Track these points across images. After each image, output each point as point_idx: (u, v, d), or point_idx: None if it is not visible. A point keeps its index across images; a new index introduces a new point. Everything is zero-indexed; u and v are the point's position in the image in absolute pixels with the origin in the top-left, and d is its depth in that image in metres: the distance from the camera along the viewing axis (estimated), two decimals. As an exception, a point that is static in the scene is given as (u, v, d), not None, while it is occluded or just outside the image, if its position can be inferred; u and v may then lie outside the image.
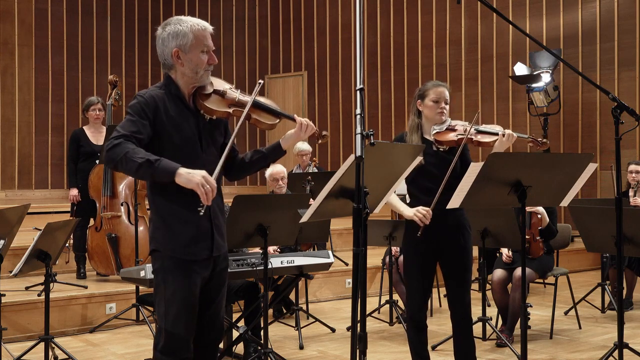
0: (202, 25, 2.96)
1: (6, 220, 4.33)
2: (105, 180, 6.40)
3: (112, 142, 2.76)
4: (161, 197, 2.94)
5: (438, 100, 3.83)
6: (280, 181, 6.08)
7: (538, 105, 9.11)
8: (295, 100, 12.68)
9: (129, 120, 2.84)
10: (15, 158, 10.83)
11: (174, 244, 2.92)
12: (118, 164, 2.76)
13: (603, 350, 4.91)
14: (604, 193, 9.13)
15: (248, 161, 3.16)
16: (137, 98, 2.90)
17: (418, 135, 3.88)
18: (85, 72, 11.50)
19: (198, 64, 2.93)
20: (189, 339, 2.94)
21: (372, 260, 7.10)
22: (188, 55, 2.92)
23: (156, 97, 2.91)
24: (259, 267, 4.43)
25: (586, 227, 4.54)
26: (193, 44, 2.92)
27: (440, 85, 3.88)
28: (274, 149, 3.13)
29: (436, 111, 3.84)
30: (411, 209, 3.75)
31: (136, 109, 2.86)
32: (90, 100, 6.71)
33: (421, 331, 3.89)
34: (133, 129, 2.81)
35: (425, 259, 3.85)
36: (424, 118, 3.90)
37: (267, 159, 3.15)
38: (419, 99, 3.90)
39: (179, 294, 2.90)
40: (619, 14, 9.38)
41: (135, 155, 2.72)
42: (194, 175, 2.71)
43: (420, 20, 11.22)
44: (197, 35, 2.93)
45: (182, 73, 2.95)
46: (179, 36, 2.92)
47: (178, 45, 2.92)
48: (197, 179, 2.70)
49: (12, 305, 5.36)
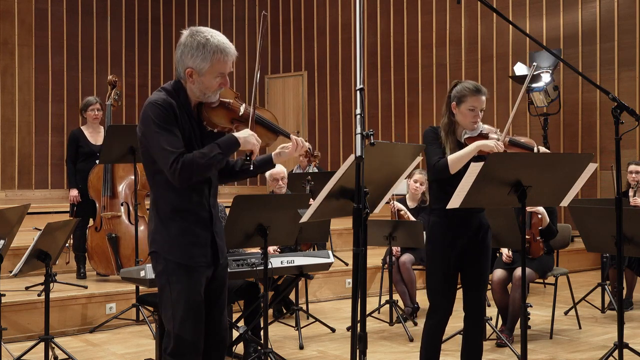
0: (226, 52, 2.85)
1: (6, 220, 4.32)
2: (105, 180, 6.39)
3: (175, 166, 2.76)
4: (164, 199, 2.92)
5: (474, 109, 3.70)
6: (280, 181, 6.08)
7: (538, 105, 9.11)
8: (295, 100, 12.67)
9: (171, 136, 2.79)
10: (15, 158, 10.83)
11: (173, 248, 2.91)
12: (194, 178, 2.82)
13: (603, 350, 4.91)
14: (604, 193, 9.13)
15: (238, 169, 3.16)
16: (158, 107, 2.82)
17: (453, 136, 3.75)
18: (85, 72, 11.50)
19: (208, 87, 2.88)
20: (198, 340, 2.93)
21: (372, 260, 7.10)
22: (201, 78, 2.86)
23: (173, 105, 2.86)
24: (259, 267, 4.43)
25: (586, 227, 4.54)
26: (209, 71, 2.85)
27: (479, 93, 3.70)
28: (265, 163, 3.14)
29: (471, 120, 3.71)
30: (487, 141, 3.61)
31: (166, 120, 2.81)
32: (89, 100, 6.70)
33: (439, 338, 3.83)
34: (180, 144, 2.81)
35: (450, 263, 3.76)
36: (457, 120, 3.76)
37: (257, 170, 3.15)
38: (455, 102, 3.74)
39: (184, 295, 2.89)
40: (619, 14, 9.38)
41: (203, 160, 2.80)
42: (249, 137, 2.89)
43: (420, 20, 11.22)
44: (216, 64, 2.84)
45: (191, 89, 2.91)
46: (197, 57, 2.83)
47: (194, 66, 2.84)
48: (253, 140, 2.90)
49: (12, 305, 5.36)
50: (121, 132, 5.89)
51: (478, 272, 3.83)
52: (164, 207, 2.92)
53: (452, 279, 3.80)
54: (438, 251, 3.79)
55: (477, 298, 3.84)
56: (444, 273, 3.77)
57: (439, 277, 3.79)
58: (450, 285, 3.80)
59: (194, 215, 2.92)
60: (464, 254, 3.78)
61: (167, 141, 2.78)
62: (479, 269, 3.82)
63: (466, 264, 3.82)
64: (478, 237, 3.79)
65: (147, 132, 2.84)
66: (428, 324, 3.83)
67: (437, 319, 3.79)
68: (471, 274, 3.83)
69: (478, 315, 3.86)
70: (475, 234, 3.78)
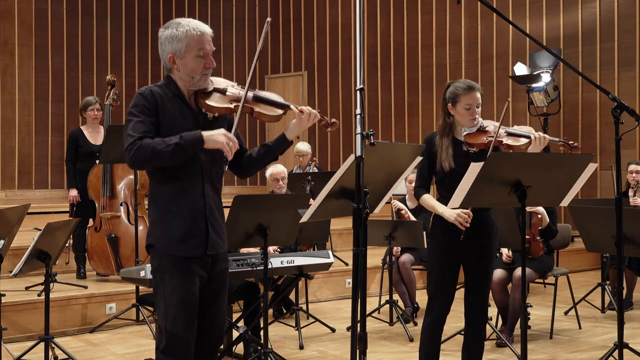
0: (199, 30, 2.92)
1: (6, 220, 4.32)
2: (105, 180, 6.39)
3: (131, 147, 2.79)
4: (161, 194, 2.96)
5: (470, 107, 3.72)
6: (280, 181, 6.08)
7: (538, 105, 9.11)
8: (295, 100, 12.67)
9: (138, 122, 2.85)
10: (15, 158, 10.83)
11: (168, 240, 2.93)
12: (148, 162, 2.83)
13: (603, 350, 4.91)
14: (604, 193, 9.13)
15: (256, 156, 3.14)
16: (138, 96, 2.90)
17: (449, 138, 3.78)
18: (85, 72, 11.49)
19: (193, 68, 2.92)
20: (190, 338, 2.93)
21: (372, 260, 7.10)
22: (183, 61, 2.91)
23: (156, 94, 2.91)
24: (259, 267, 4.43)
25: (586, 227, 4.54)
26: (187, 49, 2.90)
27: (472, 90, 3.73)
28: (280, 141, 3.10)
29: (469, 118, 3.73)
30: (452, 211, 3.64)
31: (140, 108, 2.87)
32: (88, 100, 6.70)
33: (438, 336, 3.83)
34: (144, 128, 2.84)
35: (452, 264, 3.78)
36: (455, 119, 3.79)
37: (274, 151, 3.12)
38: (450, 103, 3.77)
39: (177, 293, 2.90)
40: (619, 14, 9.38)
41: (159, 146, 2.79)
42: (216, 136, 2.83)
43: (420, 20, 11.22)
44: (191, 40, 2.90)
45: (180, 77, 2.96)
46: (173, 41, 2.91)
47: (173, 51, 2.91)
48: (221, 139, 2.83)
49: (12, 305, 5.36)
50: (121, 132, 5.87)
51: (482, 275, 3.82)
52: (160, 200, 2.96)
53: (452, 275, 3.80)
54: (439, 247, 3.80)
55: (480, 302, 3.84)
56: (444, 269, 3.78)
57: (439, 272, 3.80)
58: (449, 281, 3.80)
59: (189, 207, 2.93)
60: (467, 254, 3.78)
61: (133, 127, 2.84)
62: (484, 271, 3.83)
63: (469, 264, 3.82)
64: (484, 236, 3.80)
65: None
66: (426, 320, 3.85)
67: (434, 315, 3.80)
68: (474, 274, 3.82)
69: (480, 319, 3.86)
70: (482, 233, 3.78)
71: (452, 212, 3.65)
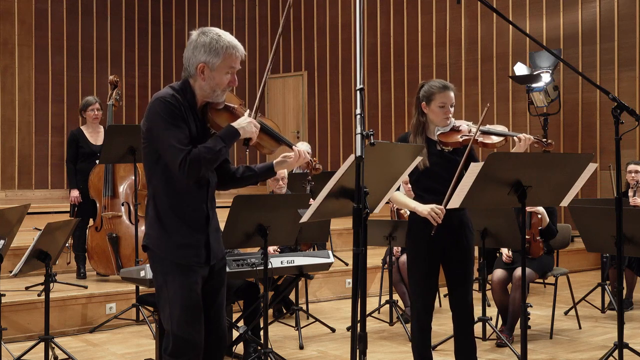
0: (237, 49, 2.95)
1: (6, 220, 4.32)
2: (106, 180, 6.39)
3: (183, 165, 2.80)
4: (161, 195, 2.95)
5: (444, 105, 3.77)
6: (280, 181, 6.08)
7: (538, 105, 9.11)
8: (295, 100, 12.68)
9: (177, 131, 2.83)
10: (15, 158, 10.83)
11: (168, 247, 2.93)
12: (201, 172, 2.86)
13: (603, 350, 4.91)
14: (604, 193, 9.13)
15: (239, 176, 3.18)
16: (166, 103, 2.86)
17: (422, 137, 3.83)
18: (85, 72, 11.49)
19: (219, 83, 2.93)
20: (197, 339, 2.93)
21: (372, 260, 7.10)
22: (212, 73, 2.91)
23: (180, 102, 2.90)
24: (259, 267, 4.43)
25: (586, 227, 4.54)
26: (221, 65, 2.91)
27: (447, 89, 3.78)
28: (266, 171, 3.18)
29: (443, 116, 3.78)
30: (425, 206, 3.69)
31: (174, 115, 2.85)
32: (88, 100, 6.69)
33: (425, 332, 3.86)
34: (186, 140, 2.85)
35: (431, 258, 3.82)
36: (428, 118, 3.85)
37: (258, 178, 3.20)
38: (424, 101, 3.82)
39: (181, 294, 2.90)
40: (619, 14, 9.38)
41: (209, 155, 2.84)
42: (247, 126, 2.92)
43: (420, 20, 11.22)
44: (228, 58, 2.92)
45: (200, 87, 2.94)
46: (211, 52, 2.90)
47: (206, 61, 2.90)
48: (251, 129, 2.93)
49: (12, 305, 5.36)
50: (121, 132, 5.89)
51: (461, 269, 3.85)
52: (161, 204, 2.95)
53: (430, 269, 3.82)
54: (417, 241, 3.84)
55: (464, 293, 3.85)
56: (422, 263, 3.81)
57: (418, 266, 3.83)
58: (427, 276, 3.82)
59: (189, 215, 2.93)
60: (444, 252, 3.82)
61: (176, 137, 2.82)
62: (462, 266, 3.85)
63: (448, 262, 3.85)
64: (460, 235, 3.83)
65: (154, 128, 2.87)
66: (412, 321, 3.90)
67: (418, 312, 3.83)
68: (454, 272, 3.86)
69: (466, 312, 3.85)
70: (457, 233, 3.82)
71: (425, 207, 3.70)
